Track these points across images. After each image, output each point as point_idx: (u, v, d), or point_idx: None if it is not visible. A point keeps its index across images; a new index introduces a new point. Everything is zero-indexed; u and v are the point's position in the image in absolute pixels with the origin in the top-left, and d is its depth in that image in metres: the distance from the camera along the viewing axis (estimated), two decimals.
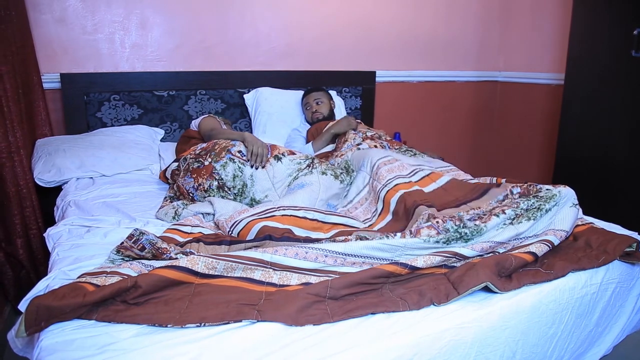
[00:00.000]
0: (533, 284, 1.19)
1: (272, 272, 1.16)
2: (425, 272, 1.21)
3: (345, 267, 1.20)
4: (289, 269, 1.17)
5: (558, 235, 1.34)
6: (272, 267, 1.17)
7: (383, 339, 0.97)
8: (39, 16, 2.24)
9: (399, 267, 1.16)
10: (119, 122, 2.42)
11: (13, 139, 1.93)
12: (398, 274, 1.16)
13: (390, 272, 1.15)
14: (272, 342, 0.93)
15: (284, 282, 1.14)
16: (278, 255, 1.17)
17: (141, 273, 1.11)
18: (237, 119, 2.70)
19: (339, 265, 1.20)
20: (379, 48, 3.12)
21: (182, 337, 0.93)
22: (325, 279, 1.13)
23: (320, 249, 1.21)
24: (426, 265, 1.19)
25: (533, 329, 1.15)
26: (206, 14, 2.59)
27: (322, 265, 1.19)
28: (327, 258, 1.20)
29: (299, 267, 1.18)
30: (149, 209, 1.72)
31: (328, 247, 1.22)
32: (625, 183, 2.49)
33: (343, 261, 1.21)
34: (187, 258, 1.12)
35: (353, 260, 1.21)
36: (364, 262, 1.21)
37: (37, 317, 0.92)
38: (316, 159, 1.89)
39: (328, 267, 1.19)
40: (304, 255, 1.19)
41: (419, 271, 1.20)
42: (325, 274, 1.18)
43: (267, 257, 1.17)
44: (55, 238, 1.43)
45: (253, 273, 1.15)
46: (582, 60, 2.64)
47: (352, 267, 1.20)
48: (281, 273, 1.16)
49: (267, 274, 1.15)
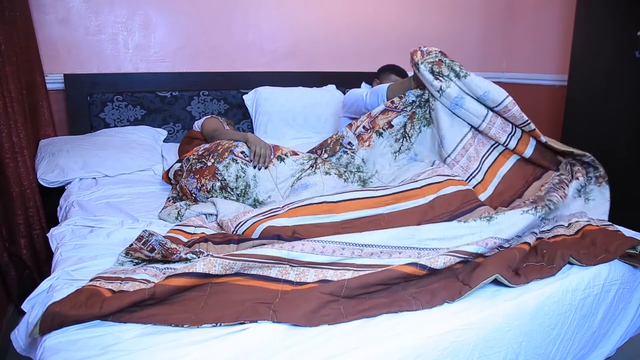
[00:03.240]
0: (540, 278, 1.21)
1: (289, 269, 1.16)
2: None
3: (364, 258, 1.19)
4: (306, 264, 1.17)
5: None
6: (289, 264, 1.16)
7: (386, 340, 0.96)
8: (43, 17, 2.25)
9: (417, 268, 1.14)
10: (122, 123, 2.42)
11: (17, 139, 1.93)
12: (415, 276, 1.15)
13: (408, 274, 1.13)
14: (275, 343, 0.93)
15: (301, 279, 1.14)
16: (295, 252, 1.17)
17: (157, 278, 1.10)
18: (239, 119, 2.70)
19: (356, 257, 1.19)
20: (382, 49, 3.12)
21: (187, 339, 0.93)
22: (342, 272, 1.13)
23: (338, 242, 1.20)
24: (445, 266, 1.17)
25: (536, 331, 1.15)
26: (210, 15, 2.60)
27: (339, 258, 1.19)
28: (344, 251, 1.19)
29: (316, 261, 1.17)
30: (151, 209, 1.72)
31: (345, 240, 1.21)
32: (630, 184, 2.48)
33: (360, 252, 1.20)
34: (204, 262, 1.10)
35: (371, 251, 1.20)
36: (382, 252, 1.20)
37: (53, 323, 0.93)
38: (319, 159, 1.89)
39: (346, 260, 1.19)
40: (321, 249, 1.18)
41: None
42: (343, 266, 1.17)
43: (284, 253, 1.16)
44: (59, 238, 1.43)
45: (270, 271, 1.15)
46: (585, 61, 2.64)
47: (370, 258, 1.19)
48: (298, 269, 1.16)
49: (284, 271, 1.15)
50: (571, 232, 1.47)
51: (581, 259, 1.29)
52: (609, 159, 2.57)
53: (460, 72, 1.77)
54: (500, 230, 1.33)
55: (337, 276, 1.15)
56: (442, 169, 1.72)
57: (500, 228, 1.33)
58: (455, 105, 1.77)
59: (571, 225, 1.51)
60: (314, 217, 1.45)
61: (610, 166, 2.57)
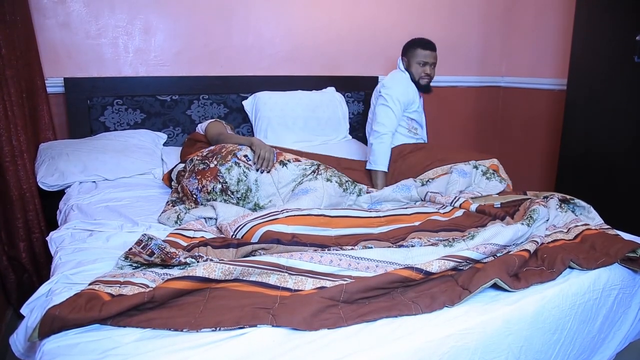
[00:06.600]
0: (540, 283, 1.21)
1: (287, 277, 1.17)
2: (434, 276, 1.21)
3: (360, 271, 1.21)
4: (304, 273, 1.18)
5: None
6: (287, 272, 1.18)
7: (386, 344, 0.96)
8: (44, 21, 2.25)
9: (414, 272, 1.17)
10: (122, 127, 2.42)
11: (17, 143, 1.93)
12: (412, 279, 1.17)
13: (405, 277, 1.16)
14: (275, 347, 0.93)
15: (299, 287, 1.15)
16: (294, 260, 1.19)
17: (156, 283, 1.11)
18: (239, 123, 2.70)
19: (352, 269, 1.21)
20: (381, 53, 3.12)
21: (186, 343, 0.93)
22: (340, 283, 1.14)
23: (335, 253, 1.23)
24: (440, 270, 1.19)
25: (536, 335, 1.15)
26: (210, 19, 2.60)
27: (336, 269, 1.20)
28: (341, 262, 1.21)
29: (314, 270, 1.19)
30: (151, 213, 1.72)
31: (343, 252, 1.24)
32: (629, 188, 2.49)
33: (357, 265, 1.22)
34: (204, 266, 1.11)
35: (367, 264, 1.22)
36: (377, 266, 1.22)
37: (52, 327, 0.93)
38: (322, 165, 1.89)
39: (342, 271, 1.20)
40: (319, 259, 1.20)
41: (432, 276, 1.21)
42: (340, 278, 1.19)
43: (282, 261, 1.18)
44: (58, 242, 1.43)
45: (269, 277, 1.16)
46: (584, 65, 2.64)
47: (366, 272, 1.21)
48: (296, 277, 1.17)
49: (282, 279, 1.16)
50: (570, 236, 1.49)
51: (581, 263, 1.30)
52: (608, 163, 2.58)
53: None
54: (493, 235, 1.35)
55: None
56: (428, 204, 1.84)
57: (491, 235, 1.36)
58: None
59: (570, 230, 1.53)
60: (311, 228, 1.48)
61: (609, 170, 2.59)
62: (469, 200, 1.76)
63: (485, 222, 1.62)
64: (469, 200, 1.77)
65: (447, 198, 1.81)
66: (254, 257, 1.21)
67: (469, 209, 1.72)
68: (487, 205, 1.73)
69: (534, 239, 1.39)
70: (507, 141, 3.68)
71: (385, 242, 1.43)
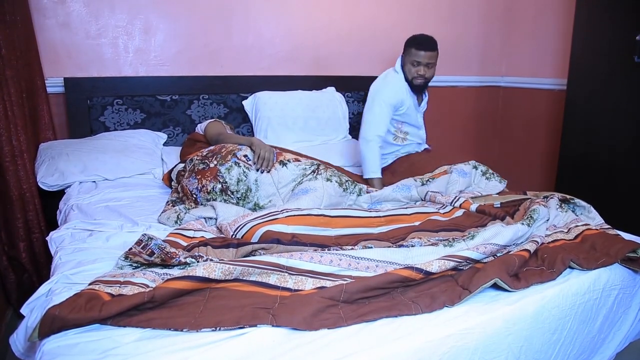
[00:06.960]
0: (540, 283, 1.21)
1: (287, 277, 1.17)
2: (434, 276, 1.21)
3: (360, 271, 1.21)
4: (304, 272, 1.18)
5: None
6: (287, 272, 1.18)
7: (386, 344, 0.96)
8: (44, 21, 2.25)
9: (413, 272, 1.17)
10: (122, 127, 2.42)
11: (17, 143, 1.93)
12: (412, 279, 1.17)
13: (405, 277, 1.16)
14: (275, 347, 0.93)
15: (299, 287, 1.15)
16: (294, 260, 1.19)
17: (155, 283, 1.11)
18: (239, 123, 2.70)
19: (352, 269, 1.21)
20: (381, 53, 3.12)
21: (186, 343, 0.93)
22: (340, 282, 1.14)
23: (336, 253, 1.23)
24: (440, 270, 1.19)
25: (536, 335, 1.15)
26: (210, 19, 2.60)
27: (336, 269, 1.20)
28: (341, 262, 1.21)
29: (314, 270, 1.19)
30: (151, 212, 1.72)
31: (343, 252, 1.24)
32: (629, 188, 2.49)
33: (357, 265, 1.22)
34: (204, 266, 1.11)
35: (367, 264, 1.22)
36: (377, 266, 1.22)
37: (52, 327, 0.93)
38: (322, 165, 1.89)
39: (342, 271, 1.20)
40: (319, 259, 1.20)
41: (432, 276, 1.21)
42: (340, 278, 1.19)
43: (282, 261, 1.18)
44: (58, 242, 1.43)
45: (269, 277, 1.16)
46: (584, 65, 2.64)
47: (366, 272, 1.21)
48: (297, 277, 1.17)
49: (282, 279, 1.16)
50: (570, 236, 1.49)
51: (582, 263, 1.30)
52: (608, 163, 2.58)
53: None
54: (493, 235, 1.36)
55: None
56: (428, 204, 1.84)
57: (491, 235, 1.36)
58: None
59: (570, 230, 1.53)
60: (311, 228, 1.48)
61: (609, 170, 2.59)
62: (469, 200, 1.76)
63: (485, 222, 1.62)
64: (469, 200, 1.77)
65: (447, 198, 1.81)
66: (254, 257, 1.21)
67: (469, 208, 1.72)
68: (487, 205, 1.73)
69: (534, 239, 1.40)
70: (507, 141, 3.68)
71: (385, 242, 1.43)
